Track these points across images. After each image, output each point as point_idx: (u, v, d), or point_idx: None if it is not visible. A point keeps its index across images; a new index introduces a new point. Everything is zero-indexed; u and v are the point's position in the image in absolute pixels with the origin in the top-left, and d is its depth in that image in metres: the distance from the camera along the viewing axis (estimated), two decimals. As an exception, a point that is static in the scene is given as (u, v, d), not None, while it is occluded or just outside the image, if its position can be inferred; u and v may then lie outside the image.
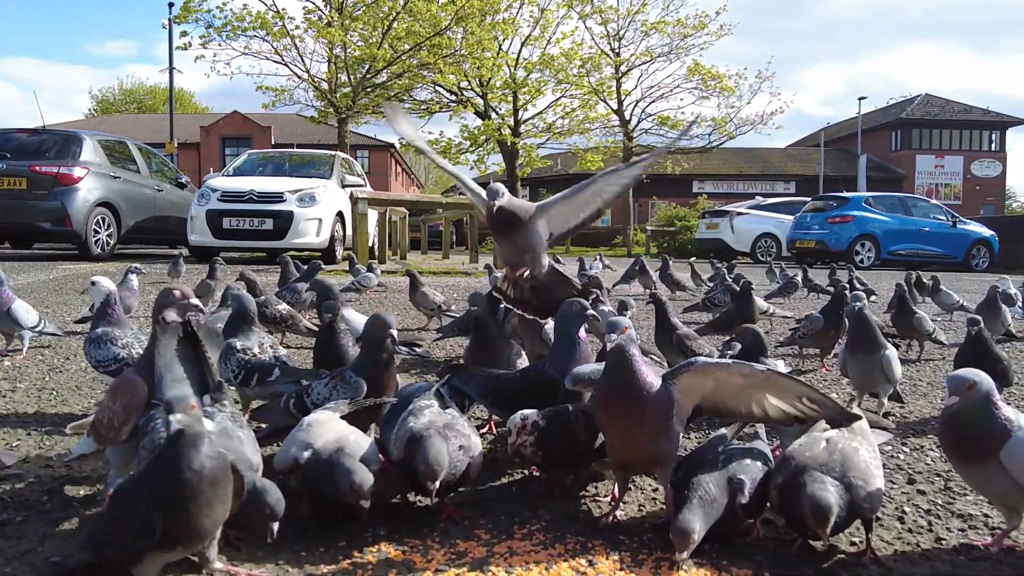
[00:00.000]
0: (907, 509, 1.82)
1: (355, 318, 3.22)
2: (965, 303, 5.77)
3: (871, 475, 1.52)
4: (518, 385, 2.08)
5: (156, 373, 1.63)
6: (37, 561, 1.43)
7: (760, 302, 4.54)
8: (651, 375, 1.60)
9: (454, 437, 1.64)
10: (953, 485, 2.00)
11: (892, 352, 2.68)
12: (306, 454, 1.59)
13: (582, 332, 2.08)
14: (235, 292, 2.51)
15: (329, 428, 1.66)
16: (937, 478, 2.07)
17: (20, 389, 2.85)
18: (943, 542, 1.64)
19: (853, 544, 1.60)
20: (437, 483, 1.53)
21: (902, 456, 2.28)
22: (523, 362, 2.47)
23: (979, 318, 2.72)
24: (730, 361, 1.65)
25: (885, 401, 2.76)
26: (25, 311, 3.33)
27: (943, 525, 1.73)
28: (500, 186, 2.30)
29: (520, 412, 1.79)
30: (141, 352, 2.29)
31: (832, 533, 1.47)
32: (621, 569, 1.45)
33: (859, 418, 1.66)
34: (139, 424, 1.59)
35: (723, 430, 1.81)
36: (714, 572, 1.45)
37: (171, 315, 1.66)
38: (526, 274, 2.41)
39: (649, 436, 1.59)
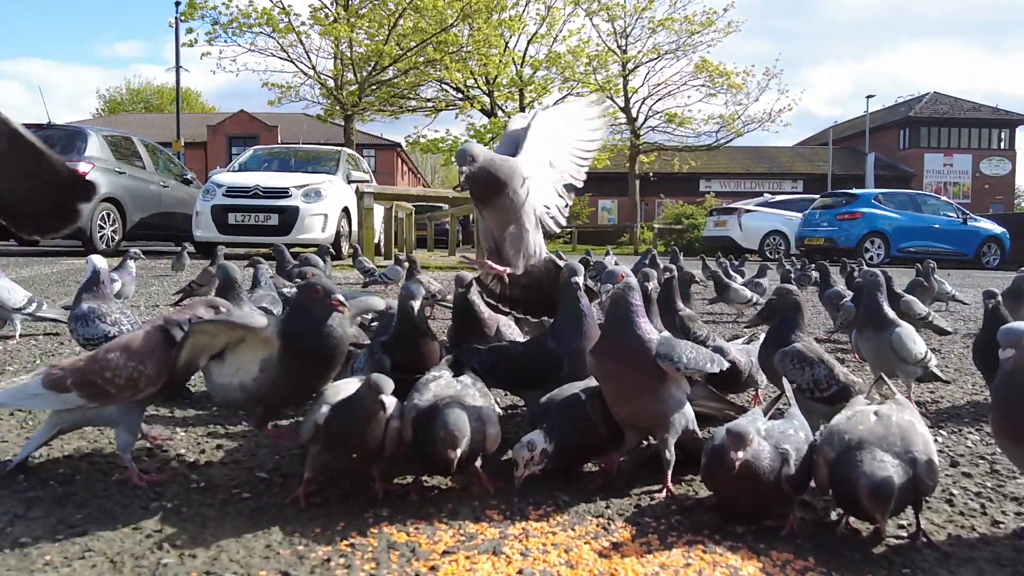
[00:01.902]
0: (955, 491, 1.67)
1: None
2: (957, 294, 5.67)
3: (932, 449, 1.38)
4: (519, 360, 1.95)
5: None
6: (5, 543, 1.30)
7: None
8: (648, 326, 1.57)
9: (463, 405, 1.51)
10: (1000, 468, 1.85)
11: (905, 330, 2.47)
12: (324, 409, 1.51)
13: (584, 301, 1.92)
14: (220, 263, 2.42)
15: (347, 389, 1.56)
16: (982, 461, 1.92)
17: (8, 372, 2.74)
18: (1001, 526, 1.49)
19: (901, 527, 1.46)
20: (459, 451, 1.41)
21: (940, 439, 2.13)
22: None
23: (996, 291, 2.57)
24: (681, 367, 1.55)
25: (912, 384, 2.60)
26: (7, 290, 3.14)
27: (997, 508, 1.59)
28: (474, 147, 1.93)
29: (526, 439, 1.56)
30: (130, 328, 2.18)
31: (893, 514, 1.34)
32: (649, 552, 1.31)
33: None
34: None
35: (757, 409, 1.68)
36: (751, 557, 1.31)
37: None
38: (507, 270, 2.03)
39: (634, 388, 1.56)
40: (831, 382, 1.89)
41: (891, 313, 2.54)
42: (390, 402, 1.44)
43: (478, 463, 1.57)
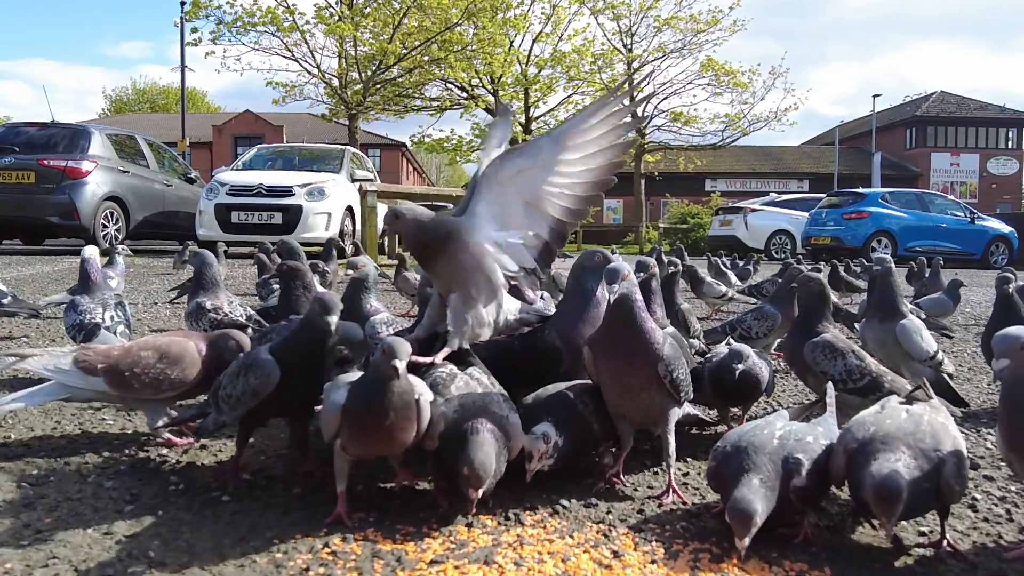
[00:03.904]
0: (978, 496, 1.58)
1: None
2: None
3: (963, 453, 1.28)
4: (518, 353, 1.81)
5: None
6: (-34, 549, 1.22)
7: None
8: (651, 323, 1.52)
9: (492, 423, 1.37)
10: (1024, 471, 1.76)
11: (912, 323, 2.32)
12: (343, 391, 1.40)
13: (591, 287, 1.78)
14: (197, 249, 2.35)
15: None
16: (1003, 464, 1.83)
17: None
18: (1029, 533, 1.40)
19: (922, 534, 1.37)
20: (480, 492, 1.30)
21: (958, 441, 2.04)
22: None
23: (1010, 276, 2.47)
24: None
25: (925, 382, 2.48)
26: None
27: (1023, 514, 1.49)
28: (401, 206, 1.67)
29: (541, 431, 1.46)
30: (98, 318, 2.12)
31: (910, 516, 1.24)
32: (652, 562, 1.22)
33: None
34: None
35: (783, 411, 1.58)
36: (763, 567, 1.22)
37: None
38: (440, 356, 1.62)
39: (640, 383, 1.50)
40: (863, 372, 1.81)
41: (903, 305, 2.43)
42: (416, 383, 1.37)
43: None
